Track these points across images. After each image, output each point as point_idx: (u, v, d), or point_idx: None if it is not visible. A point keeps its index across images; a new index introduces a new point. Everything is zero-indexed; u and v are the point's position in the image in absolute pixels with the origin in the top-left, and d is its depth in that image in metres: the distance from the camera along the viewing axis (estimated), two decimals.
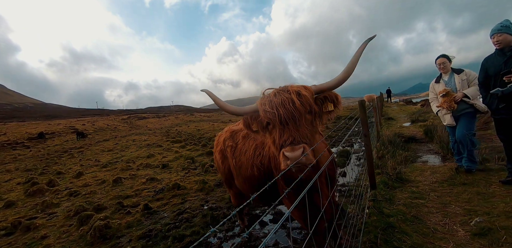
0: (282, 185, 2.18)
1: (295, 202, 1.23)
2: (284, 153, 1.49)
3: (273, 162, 2.18)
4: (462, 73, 4.05)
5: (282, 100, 1.59)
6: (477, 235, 2.56)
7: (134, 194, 6.04)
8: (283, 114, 1.55)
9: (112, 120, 40.34)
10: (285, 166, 1.48)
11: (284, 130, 1.56)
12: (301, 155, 1.46)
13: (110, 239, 3.78)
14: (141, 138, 19.67)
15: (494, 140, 6.08)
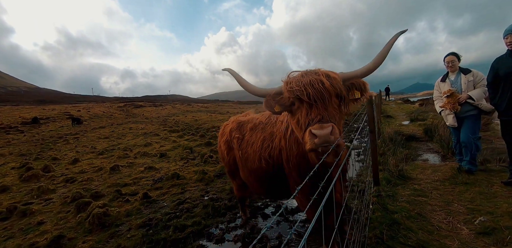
0: (294, 178, 2.13)
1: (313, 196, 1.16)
2: (312, 130, 1.39)
3: (285, 153, 2.12)
4: (469, 74, 3.94)
5: (311, 80, 1.52)
6: (482, 234, 2.56)
7: (132, 182, 5.98)
8: (312, 93, 1.48)
9: (108, 108, 39.90)
10: (312, 145, 1.39)
11: (312, 109, 1.48)
12: (330, 133, 1.36)
13: (109, 227, 3.72)
14: (138, 126, 19.51)
15: (493, 141, 6.12)
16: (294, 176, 2.12)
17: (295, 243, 2.89)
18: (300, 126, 1.55)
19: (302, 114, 1.53)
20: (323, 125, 1.38)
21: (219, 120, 22.51)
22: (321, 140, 1.35)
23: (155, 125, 20.26)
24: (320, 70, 1.61)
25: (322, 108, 1.47)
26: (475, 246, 2.41)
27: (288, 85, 1.60)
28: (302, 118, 1.52)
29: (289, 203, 3.93)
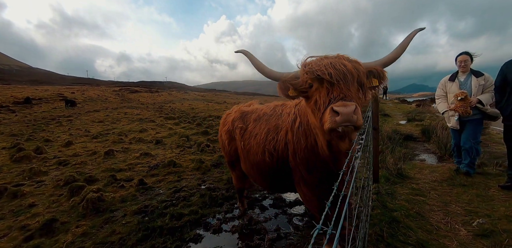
0: (301, 172, 2.07)
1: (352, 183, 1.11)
2: (334, 107, 1.28)
3: (291, 146, 2.06)
4: (481, 77, 3.77)
5: (332, 62, 1.44)
6: (480, 236, 2.57)
7: (127, 168, 5.88)
8: (334, 73, 1.39)
9: (103, 91, 39.27)
10: (332, 124, 1.28)
11: (333, 88, 1.39)
12: (353, 112, 1.25)
13: (104, 212, 3.65)
14: (133, 112, 19.25)
15: (490, 145, 6.19)
16: (301, 170, 2.06)
17: (293, 236, 2.87)
18: (318, 107, 1.45)
19: (321, 95, 1.44)
20: (346, 102, 1.29)
21: (216, 109, 22.36)
22: (344, 118, 1.25)
23: (151, 111, 20.03)
24: (341, 54, 1.54)
25: (345, 88, 1.39)
26: (473, 247, 2.42)
27: (307, 67, 1.52)
28: (321, 98, 1.43)
29: (288, 196, 3.91)
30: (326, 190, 2.08)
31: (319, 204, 2.14)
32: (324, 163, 1.91)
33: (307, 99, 1.60)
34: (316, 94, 1.49)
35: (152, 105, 26.17)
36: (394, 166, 4.46)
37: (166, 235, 2.99)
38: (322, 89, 1.45)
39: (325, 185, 2.04)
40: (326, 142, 1.71)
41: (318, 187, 2.05)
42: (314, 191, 2.09)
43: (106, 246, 2.81)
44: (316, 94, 1.49)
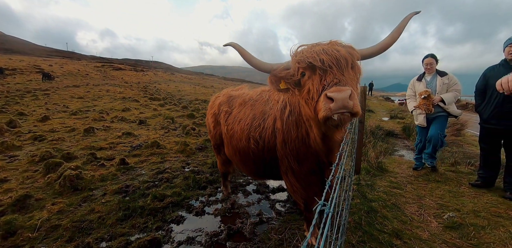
0: (290, 163, 2.03)
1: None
2: (328, 94, 1.19)
3: (280, 135, 2.01)
4: (445, 77, 4.03)
5: (324, 48, 1.38)
6: (449, 228, 2.73)
7: (108, 146, 5.71)
8: (326, 59, 1.32)
9: (84, 66, 37.47)
10: (327, 112, 1.19)
11: (326, 74, 1.31)
12: (348, 97, 1.17)
13: (82, 190, 3.53)
14: (115, 90, 18.58)
15: (464, 146, 6.54)
16: (291, 160, 2.00)
17: (275, 221, 2.92)
18: (311, 96, 1.37)
19: (314, 83, 1.36)
20: (341, 88, 1.20)
21: (202, 93, 22.02)
22: (338, 104, 1.16)
23: (135, 90, 19.40)
24: (334, 40, 1.47)
25: (339, 73, 1.30)
26: (443, 238, 2.57)
27: (298, 55, 1.45)
28: (314, 86, 1.35)
29: (271, 182, 3.96)
30: (314, 181, 2.09)
31: (306, 194, 2.15)
32: (315, 155, 1.88)
33: (300, 90, 1.52)
34: (308, 83, 1.41)
35: (137, 84, 25.33)
36: (375, 159, 4.62)
37: (148, 215, 2.95)
38: (314, 77, 1.37)
39: (314, 177, 2.04)
40: (320, 134, 1.64)
41: (306, 178, 2.04)
42: (302, 182, 2.07)
43: (84, 224, 2.74)
44: (309, 83, 1.41)
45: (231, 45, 1.77)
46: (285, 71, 1.55)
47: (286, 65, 1.59)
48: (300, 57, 1.43)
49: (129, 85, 23.91)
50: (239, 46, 1.70)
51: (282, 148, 2.04)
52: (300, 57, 1.43)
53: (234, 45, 1.74)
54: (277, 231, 2.68)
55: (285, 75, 1.54)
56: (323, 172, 2.00)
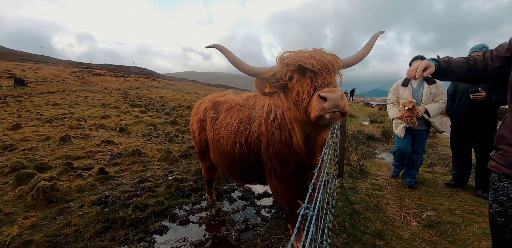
0: (273, 165, 2.06)
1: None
2: (321, 94, 1.24)
3: (265, 139, 2.04)
4: (433, 85, 3.59)
5: (311, 54, 1.42)
6: (428, 227, 2.86)
7: (86, 155, 5.45)
8: (316, 63, 1.37)
9: (60, 72, 35.78)
10: (320, 111, 1.24)
11: (317, 77, 1.37)
12: (340, 97, 1.23)
13: (57, 202, 3.34)
14: (94, 96, 17.88)
15: (439, 148, 6.88)
16: (274, 163, 2.05)
17: (261, 227, 2.91)
18: (301, 97, 1.40)
19: (303, 86, 1.40)
20: (333, 88, 1.27)
21: (186, 99, 21.70)
22: (332, 103, 1.22)
23: (115, 97, 18.77)
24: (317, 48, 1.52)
25: (328, 77, 1.37)
26: (422, 236, 2.67)
27: (287, 59, 1.48)
28: (304, 88, 1.39)
29: (256, 188, 3.95)
30: (298, 184, 2.12)
31: (290, 197, 2.18)
32: (298, 157, 1.93)
33: (287, 93, 1.55)
34: (297, 86, 1.45)
35: (117, 90, 24.53)
36: (357, 162, 4.74)
37: (129, 226, 2.83)
38: (304, 80, 1.41)
39: (297, 179, 2.08)
40: (303, 137, 1.70)
41: (289, 181, 2.08)
42: (285, 184, 2.11)
43: (60, 239, 2.58)
44: (298, 85, 1.45)
45: (215, 47, 1.75)
46: (272, 75, 1.58)
47: (270, 69, 1.61)
48: (289, 61, 1.46)
49: (108, 91, 23.10)
50: (224, 48, 1.69)
51: (266, 151, 2.08)
52: (289, 61, 1.46)
53: (218, 47, 1.72)
54: (263, 237, 2.66)
55: (271, 78, 1.57)
56: (306, 174, 2.04)
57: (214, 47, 1.76)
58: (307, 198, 0.96)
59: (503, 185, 1.28)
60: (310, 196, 1.04)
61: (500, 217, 1.29)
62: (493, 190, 1.34)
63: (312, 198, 1.00)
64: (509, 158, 1.25)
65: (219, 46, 1.72)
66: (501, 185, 1.29)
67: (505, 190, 1.27)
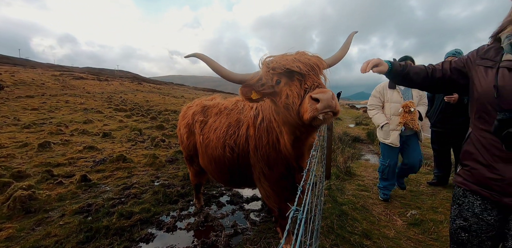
0: (261, 168, 2.07)
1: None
2: (313, 95, 1.25)
3: (252, 142, 2.05)
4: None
5: (295, 57, 1.43)
6: (412, 225, 2.94)
7: (67, 162, 5.23)
8: (302, 65, 1.38)
9: (39, 75, 34.29)
10: (313, 112, 1.24)
11: (305, 79, 1.37)
12: (331, 97, 1.23)
13: (36, 212, 3.18)
14: (76, 100, 17.26)
15: (421, 148, 7.12)
16: (262, 166, 2.05)
17: (250, 231, 2.89)
18: (291, 101, 1.40)
19: (292, 89, 1.40)
20: (324, 89, 1.28)
21: (172, 103, 21.38)
22: (324, 104, 1.22)
23: (98, 101, 18.19)
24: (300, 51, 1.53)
25: (316, 78, 1.38)
26: (407, 235, 2.75)
27: (271, 64, 1.48)
28: (294, 91, 1.39)
29: (245, 192, 3.93)
30: (286, 186, 2.13)
31: (279, 200, 2.18)
32: (285, 160, 1.94)
33: (275, 97, 1.55)
34: (286, 89, 1.45)
35: (100, 95, 23.80)
36: (343, 164, 4.83)
37: (113, 235, 2.73)
38: (293, 83, 1.41)
39: (285, 181, 2.09)
40: (291, 140, 1.70)
41: (278, 183, 2.09)
42: (274, 187, 2.12)
43: None
44: (286, 89, 1.44)
45: (196, 56, 1.68)
46: (256, 80, 1.57)
47: (255, 74, 1.60)
48: (274, 64, 1.46)
49: (91, 95, 22.36)
50: (205, 56, 1.64)
51: (254, 154, 2.08)
52: (275, 64, 1.46)
53: (199, 56, 1.65)
54: (252, 241, 2.65)
55: (256, 84, 1.56)
56: (294, 176, 2.06)
57: (195, 56, 1.68)
58: (296, 201, 0.96)
59: (468, 200, 1.28)
60: (299, 198, 1.04)
61: (464, 233, 1.29)
62: (458, 205, 1.33)
63: (301, 201, 1.01)
64: (476, 175, 1.24)
65: (201, 55, 1.65)
66: (467, 201, 1.29)
67: (471, 206, 1.26)
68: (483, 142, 1.21)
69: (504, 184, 1.13)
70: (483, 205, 1.22)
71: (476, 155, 1.24)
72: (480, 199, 1.24)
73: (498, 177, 1.15)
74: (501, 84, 1.11)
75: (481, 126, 1.23)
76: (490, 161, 1.18)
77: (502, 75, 1.12)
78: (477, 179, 1.23)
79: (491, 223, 1.21)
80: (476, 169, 1.24)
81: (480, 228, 1.24)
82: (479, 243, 1.25)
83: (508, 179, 1.12)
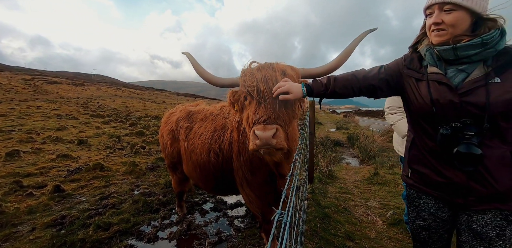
0: (244, 173, 2.06)
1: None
2: (255, 130, 1.31)
3: (236, 146, 2.04)
4: None
5: (265, 75, 1.43)
6: (392, 225, 3.05)
7: (38, 172, 4.91)
8: (263, 89, 1.39)
9: (8, 79, 32.08)
10: (253, 146, 1.32)
11: (260, 107, 1.39)
12: (272, 136, 1.29)
13: (3, 227, 2.94)
14: (49, 106, 16.32)
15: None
16: (245, 171, 2.05)
17: (234, 238, 2.86)
18: (248, 124, 1.45)
19: (251, 112, 1.44)
20: (267, 126, 1.31)
21: (153, 109, 20.83)
22: (262, 142, 1.28)
23: (74, 107, 17.33)
24: (278, 65, 1.52)
25: (271, 108, 1.38)
26: (388, 234, 2.85)
27: (242, 78, 1.50)
28: (250, 116, 1.43)
29: (229, 198, 3.88)
30: (269, 191, 2.13)
31: (262, 205, 2.18)
32: (267, 166, 1.95)
33: (244, 110, 1.56)
34: (249, 109, 1.48)
35: (76, 100, 22.69)
36: (326, 168, 4.93)
37: None
38: (252, 107, 1.44)
39: (268, 187, 2.09)
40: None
41: (260, 188, 2.08)
42: (257, 192, 2.11)
43: None
44: (249, 109, 1.47)
45: (185, 54, 1.72)
46: (237, 91, 1.59)
47: (236, 80, 1.62)
48: (243, 81, 1.48)
49: (66, 101, 21.25)
50: (193, 59, 1.66)
51: (237, 159, 2.07)
52: (243, 82, 1.48)
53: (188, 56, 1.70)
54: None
55: (235, 96, 1.59)
56: (276, 182, 2.06)
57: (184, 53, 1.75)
58: (281, 204, 0.97)
59: (423, 202, 1.30)
60: (284, 202, 1.05)
61: (425, 231, 1.32)
62: (415, 206, 1.34)
63: (285, 205, 1.02)
64: (426, 179, 1.26)
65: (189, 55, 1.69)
66: (422, 202, 1.31)
67: (426, 207, 1.29)
68: (427, 148, 1.23)
69: (453, 188, 1.16)
70: (437, 204, 1.26)
71: (423, 160, 1.26)
72: (433, 199, 1.27)
73: (447, 181, 1.17)
74: (435, 98, 1.14)
75: (423, 134, 1.24)
76: (437, 166, 1.20)
77: (434, 89, 1.15)
78: (427, 182, 1.26)
79: (446, 219, 1.26)
80: (424, 173, 1.26)
81: (438, 225, 1.28)
82: (438, 238, 1.30)
83: (457, 183, 1.14)
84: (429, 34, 1.18)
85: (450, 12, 1.08)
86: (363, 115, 26.01)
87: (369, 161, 6.31)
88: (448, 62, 1.15)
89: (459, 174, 1.13)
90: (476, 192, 1.12)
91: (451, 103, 1.11)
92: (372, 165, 5.69)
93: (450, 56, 1.12)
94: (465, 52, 1.08)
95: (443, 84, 1.13)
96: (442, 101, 1.12)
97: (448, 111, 1.12)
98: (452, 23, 1.08)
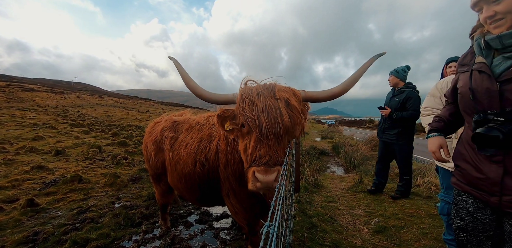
0: (231, 184, 2.01)
1: None
2: (256, 173, 1.25)
3: (223, 157, 1.99)
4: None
5: (267, 106, 1.32)
6: (377, 232, 3.09)
7: (10, 185, 4.59)
8: (266, 125, 1.29)
9: None
10: (253, 188, 1.28)
11: (262, 144, 1.30)
12: (273, 180, 1.24)
13: None
14: (24, 114, 15.48)
15: None
16: (232, 181, 2.00)
17: None
18: (246, 155, 1.40)
19: (250, 145, 1.35)
20: (269, 169, 1.25)
21: (137, 119, 20.30)
22: (263, 186, 1.25)
23: (51, 116, 16.54)
24: (280, 90, 1.39)
25: (273, 147, 1.30)
26: (373, 242, 2.87)
27: (241, 105, 1.39)
28: (249, 149, 1.35)
29: (214, 210, 3.80)
30: (255, 203, 2.10)
31: (248, 216, 2.14)
32: None
33: (241, 137, 1.49)
34: (247, 139, 1.40)
35: (54, 108, 21.68)
36: (312, 177, 4.97)
37: None
38: (251, 139, 1.36)
39: (254, 198, 2.05)
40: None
41: (248, 200, 2.05)
42: (244, 204, 2.07)
43: None
44: (247, 139, 1.40)
45: (172, 59, 1.68)
46: (229, 109, 1.51)
47: (232, 98, 1.53)
48: (241, 110, 1.39)
49: (43, 109, 20.26)
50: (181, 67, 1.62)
51: (225, 169, 2.02)
52: (241, 111, 1.38)
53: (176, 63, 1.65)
54: None
55: (229, 114, 1.50)
56: (264, 194, 2.03)
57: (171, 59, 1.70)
58: (269, 217, 0.95)
59: (462, 199, 1.28)
60: (272, 214, 1.03)
61: (462, 233, 1.28)
62: (454, 204, 1.33)
63: (273, 216, 1.00)
64: (467, 176, 1.24)
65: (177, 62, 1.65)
66: (460, 199, 1.29)
67: (464, 204, 1.26)
68: (470, 141, 1.21)
69: (489, 184, 1.13)
70: (476, 204, 1.22)
71: (465, 155, 1.26)
72: (472, 198, 1.24)
73: (484, 177, 1.15)
74: (474, 86, 1.15)
75: (468, 127, 1.26)
76: (476, 161, 1.19)
77: (475, 77, 1.16)
78: (467, 179, 1.24)
79: (487, 222, 1.20)
80: (465, 169, 1.25)
81: (476, 227, 1.23)
82: (478, 242, 1.24)
83: (492, 179, 1.11)
84: (488, 28, 1.16)
85: (499, 2, 1.07)
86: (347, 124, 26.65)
87: (354, 169, 6.43)
88: (498, 51, 1.15)
89: (494, 169, 1.11)
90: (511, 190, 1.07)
91: (487, 91, 1.11)
92: (356, 173, 5.79)
93: (496, 45, 1.12)
94: (510, 40, 1.07)
95: (483, 73, 1.14)
96: (480, 89, 1.13)
97: (484, 99, 1.13)
98: (506, 10, 1.06)
